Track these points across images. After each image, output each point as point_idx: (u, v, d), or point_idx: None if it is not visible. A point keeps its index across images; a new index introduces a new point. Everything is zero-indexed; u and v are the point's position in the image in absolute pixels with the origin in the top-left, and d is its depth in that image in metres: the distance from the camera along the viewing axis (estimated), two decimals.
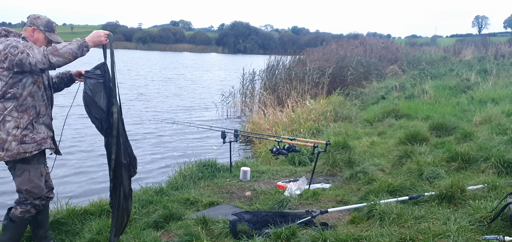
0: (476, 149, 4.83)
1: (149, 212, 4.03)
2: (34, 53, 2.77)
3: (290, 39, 77.94)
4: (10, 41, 2.83)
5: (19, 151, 2.87)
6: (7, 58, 2.80)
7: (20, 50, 2.78)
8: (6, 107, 2.87)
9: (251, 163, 6.05)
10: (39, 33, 3.04)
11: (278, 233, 3.07)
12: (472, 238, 2.76)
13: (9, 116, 2.87)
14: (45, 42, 3.04)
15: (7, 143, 2.86)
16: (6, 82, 2.85)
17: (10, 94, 2.86)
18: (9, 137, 2.86)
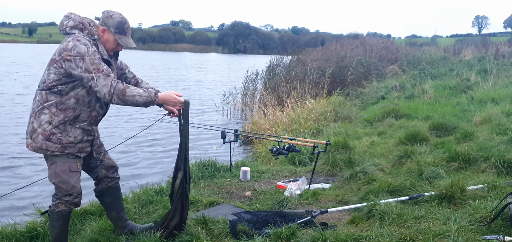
0: (476, 149, 4.83)
1: (149, 212, 4.03)
2: (100, 84, 2.73)
3: (290, 39, 77.98)
4: (80, 49, 2.74)
5: (41, 147, 2.85)
6: (70, 63, 2.74)
7: (86, 68, 2.72)
8: (48, 99, 2.83)
9: (251, 163, 6.05)
10: (109, 35, 2.92)
11: (278, 233, 3.07)
12: (472, 238, 2.76)
13: (47, 109, 2.83)
14: (115, 45, 2.94)
15: (36, 133, 2.84)
16: (58, 79, 2.80)
17: (57, 89, 2.81)
18: (39, 129, 2.84)
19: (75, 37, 2.81)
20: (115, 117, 12.12)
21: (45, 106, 2.83)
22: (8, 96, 15.49)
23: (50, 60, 2.84)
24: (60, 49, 2.80)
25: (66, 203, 2.98)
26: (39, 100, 2.86)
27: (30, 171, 7.35)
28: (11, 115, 12.18)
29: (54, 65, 2.80)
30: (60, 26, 2.95)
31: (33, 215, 3.96)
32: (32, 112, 2.90)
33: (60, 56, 2.78)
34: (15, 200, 5.99)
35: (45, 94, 2.83)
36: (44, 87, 2.84)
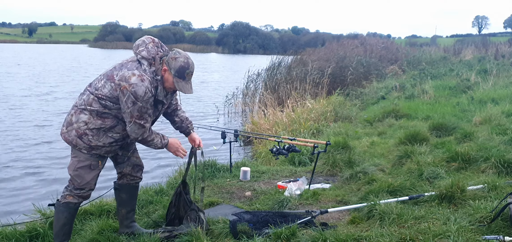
0: (476, 149, 4.83)
1: (149, 212, 4.03)
2: (132, 128, 2.92)
3: (290, 39, 78.00)
4: (138, 91, 2.82)
5: (72, 141, 2.96)
6: (122, 95, 2.84)
7: (131, 111, 2.85)
8: (92, 105, 2.92)
9: (251, 163, 6.05)
10: (169, 76, 2.96)
11: (278, 233, 3.07)
12: (472, 238, 2.76)
13: (88, 111, 2.94)
14: (173, 87, 2.99)
15: (71, 127, 2.95)
16: (110, 97, 2.90)
17: (104, 103, 2.92)
18: (74, 125, 2.94)
19: (141, 74, 2.87)
20: None
21: (87, 108, 2.93)
22: (16, 98, 15.50)
23: (110, 75, 2.92)
24: (122, 76, 2.86)
25: (75, 195, 3.05)
26: (85, 100, 2.95)
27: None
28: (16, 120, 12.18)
29: (111, 85, 2.88)
30: (135, 48, 3.02)
31: (33, 215, 3.96)
32: (75, 104, 3.00)
33: (119, 82, 2.85)
34: (15, 200, 6.00)
35: (92, 99, 2.93)
36: (93, 92, 2.93)
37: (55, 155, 8.31)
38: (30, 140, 9.48)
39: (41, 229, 3.51)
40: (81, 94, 3.04)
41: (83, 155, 2.99)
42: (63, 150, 8.65)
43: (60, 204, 3.07)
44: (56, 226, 3.12)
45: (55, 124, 10.92)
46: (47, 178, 6.98)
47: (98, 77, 3.00)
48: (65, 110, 13.01)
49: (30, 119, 11.65)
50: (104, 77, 2.95)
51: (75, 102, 3.02)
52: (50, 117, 12.02)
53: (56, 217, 3.11)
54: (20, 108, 13.28)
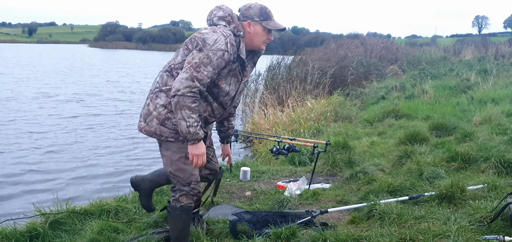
0: (476, 149, 4.83)
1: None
2: (180, 77, 2.50)
3: (290, 39, 77.86)
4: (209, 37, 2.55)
5: (155, 131, 2.69)
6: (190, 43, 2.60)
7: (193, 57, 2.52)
8: (166, 83, 2.65)
9: (251, 163, 6.05)
10: (255, 26, 2.72)
11: (278, 233, 3.07)
12: (472, 238, 2.76)
13: (163, 93, 2.66)
14: (265, 34, 2.74)
15: (150, 116, 2.69)
16: (182, 61, 2.62)
17: (177, 73, 2.62)
18: (154, 112, 2.67)
19: (215, 28, 2.64)
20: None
21: (162, 89, 2.66)
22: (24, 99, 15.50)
23: (183, 45, 2.71)
24: (195, 34, 2.65)
25: (187, 194, 2.76)
26: (159, 82, 2.70)
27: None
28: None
29: (183, 48, 2.66)
30: (208, 16, 2.77)
31: (33, 215, 3.96)
32: (150, 93, 2.75)
33: (189, 38, 2.64)
34: (15, 200, 6.00)
35: (165, 77, 2.67)
36: (166, 69, 2.69)
37: (55, 155, 8.31)
38: (32, 142, 9.48)
39: (41, 229, 3.51)
40: (153, 82, 2.79)
41: (172, 144, 2.69)
42: (62, 150, 8.66)
43: (176, 208, 2.79)
44: (175, 231, 2.88)
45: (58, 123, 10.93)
46: (48, 178, 6.98)
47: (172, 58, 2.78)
48: (66, 109, 12.99)
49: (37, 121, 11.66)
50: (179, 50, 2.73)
51: (148, 93, 2.78)
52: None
53: (173, 222, 2.86)
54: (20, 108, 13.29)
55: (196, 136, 2.54)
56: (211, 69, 2.53)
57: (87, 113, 12.76)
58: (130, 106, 14.51)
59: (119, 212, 3.99)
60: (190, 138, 2.54)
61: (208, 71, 2.52)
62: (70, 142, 9.35)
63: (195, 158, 2.62)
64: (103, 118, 12.21)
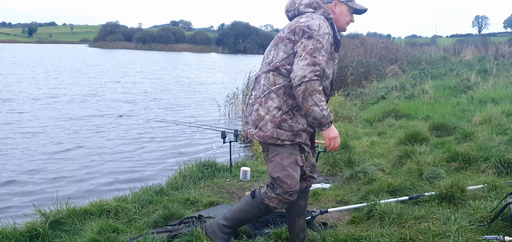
0: (476, 149, 4.83)
1: (149, 212, 4.03)
2: (300, 64, 2.40)
3: None
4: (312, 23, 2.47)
5: (272, 135, 2.54)
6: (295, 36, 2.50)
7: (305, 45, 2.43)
8: (275, 83, 2.54)
9: (251, 163, 6.05)
10: (341, 6, 2.66)
11: (278, 233, 3.07)
12: (472, 238, 2.76)
13: (274, 93, 2.54)
14: (349, 15, 2.69)
15: (263, 121, 2.55)
16: (287, 56, 2.52)
17: (285, 69, 2.52)
18: (267, 116, 2.54)
19: (308, 14, 2.57)
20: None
21: (272, 90, 2.54)
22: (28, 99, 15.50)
23: (277, 39, 2.62)
24: (291, 25, 2.56)
25: (283, 201, 2.63)
26: (266, 84, 2.57)
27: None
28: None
29: (283, 43, 2.55)
30: (292, 6, 2.68)
31: (33, 215, 3.96)
32: (256, 98, 2.62)
33: (290, 30, 2.53)
34: (15, 200, 6.00)
35: (272, 77, 2.55)
36: (270, 68, 2.57)
37: (55, 155, 8.31)
38: (35, 144, 9.48)
39: (41, 229, 3.50)
40: (255, 86, 2.67)
41: (286, 149, 2.57)
42: (63, 150, 8.66)
43: (262, 203, 2.68)
44: (242, 213, 2.78)
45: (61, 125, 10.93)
46: (48, 178, 6.97)
47: (266, 55, 2.66)
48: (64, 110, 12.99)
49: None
50: (271, 49, 2.63)
51: (252, 99, 2.66)
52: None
53: (248, 207, 2.75)
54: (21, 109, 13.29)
55: (330, 118, 2.50)
56: (324, 53, 2.47)
57: (88, 114, 12.76)
58: (133, 107, 14.51)
59: (119, 212, 3.99)
60: (325, 122, 2.48)
61: (323, 56, 2.46)
62: (71, 142, 9.34)
63: (331, 141, 2.56)
64: (104, 119, 12.21)
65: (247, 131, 2.66)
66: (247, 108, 2.73)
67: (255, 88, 2.68)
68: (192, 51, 77.38)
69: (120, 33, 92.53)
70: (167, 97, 17.16)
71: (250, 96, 2.71)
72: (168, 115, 12.76)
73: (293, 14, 2.67)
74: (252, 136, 2.61)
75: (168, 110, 14.00)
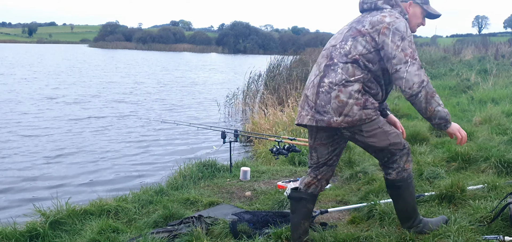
0: (476, 149, 4.83)
1: (149, 212, 4.03)
2: (411, 71, 2.39)
3: (290, 39, 78.00)
4: (400, 25, 2.46)
5: (361, 117, 2.48)
6: (385, 37, 2.45)
7: (402, 48, 2.41)
8: (354, 74, 2.49)
9: (251, 163, 6.05)
10: (415, 7, 2.64)
11: (278, 233, 3.07)
12: (472, 238, 2.75)
13: (353, 82, 2.49)
14: (421, 18, 2.67)
15: (348, 106, 2.47)
16: (367, 52, 2.49)
17: (363, 63, 2.50)
18: (351, 100, 2.47)
19: (391, 13, 2.53)
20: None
21: (350, 80, 2.49)
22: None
23: (355, 31, 2.55)
24: (373, 21, 2.51)
25: (408, 157, 2.66)
26: (343, 74, 2.49)
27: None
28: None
29: (363, 38, 2.51)
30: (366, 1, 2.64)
31: (33, 215, 3.96)
32: (333, 85, 2.50)
33: (374, 28, 2.49)
34: (15, 200, 6.00)
35: (351, 68, 2.49)
36: (349, 60, 2.51)
37: (55, 155, 8.31)
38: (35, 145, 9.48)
39: (41, 229, 3.51)
40: (327, 71, 2.55)
41: (376, 120, 2.55)
42: (63, 151, 8.66)
43: (406, 178, 2.66)
44: (410, 202, 2.76)
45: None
46: (48, 178, 6.98)
47: (340, 44, 2.58)
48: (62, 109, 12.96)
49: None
50: (348, 39, 2.56)
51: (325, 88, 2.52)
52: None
53: (407, 193, 2.72)
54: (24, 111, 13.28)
55: (449, 118, 2.53)
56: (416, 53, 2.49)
57: (89, 115, 12.77)
58: (134, 107, 14.51)
59: (119, 212, 3.99)
60: (449, 118, 2.51)
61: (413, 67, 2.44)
62: (71, 142, 9.34)
63: (461, 132, 2.57)
64: (105, 120, 12.21)
65: (329, 120, 2.51)
66: (314, 94, 2.57)
67: (327, 75, 2.55)
68: (192, 51, 77.39)
69: (120, 33, 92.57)
70: (169, 97, 17.17)
71: (322, 82, 2.55)
72: (172, 116, 12.77)
73: (369, 7, 2.65)
74: (338, 124, 2.50)
75: (169, 111, 14.01)
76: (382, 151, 2.65)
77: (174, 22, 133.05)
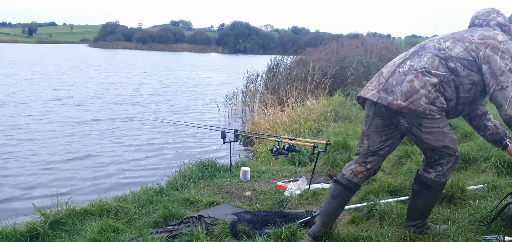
0: (476, 149, 4.83)
1: (149, 212, 4.03)
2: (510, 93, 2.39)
3: (290, 39, 77.99)
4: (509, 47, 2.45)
5: (425, 111, 2.44)
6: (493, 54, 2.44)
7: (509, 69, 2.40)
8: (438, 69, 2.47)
9: (251, 163, 6.05)
10: None
11: (278, 233, 3.06)
12: (472, 238, 2.75)
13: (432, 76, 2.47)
14: None
15: (417, 95, 2.44)
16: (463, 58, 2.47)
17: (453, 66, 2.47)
18: (423, 90, 2.44)
19: (503, 35, 2.54)
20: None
21: (432, 72, 2.46)
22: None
23: (460, 36, 2.53)
24: (484, 35, 2.49)
25: (452, 167, 2.67)
26: (427, 63, 2.48)
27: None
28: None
29: (465, 45, 2.48)
30: (485, 16, 2.65)
31: (33, 215, 3.96)
32: (412, 69, 2.49)
33: (483, 40, 2.47)
34: (15, 200, 6.00)
35: (437, 62, 2.47)
36: (440, 55, 2.49)
37: (55, 155, 8.32)
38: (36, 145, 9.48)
39: (41, 229, 3.51)
40: (413, 56, 2.56)
41: (438, 119, 2.50)
42: (64, 149, 8.66)
43: (441, 183, 2.68)
44: (428, 205, 2.77)
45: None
46: (48, 178, 6.98)
47: (438, 40, 2.57)
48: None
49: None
50: (448, 39, 2.54)
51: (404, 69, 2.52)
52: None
53: (432, 196, 2.74)
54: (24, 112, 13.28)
55: None
56: None
57: (89, 116, 12.77)
58: (135, 108, 14.51)
59: (119, 212, 3.99)
60: None
61: None
62: (71, 143, 9.35)
63: None
64: (105, 121, 12.21)
65: (392, 101, 2.48)
66: (390, 72, 2.56)
67: (411, 58, 2.55)
68: (192, 51, 77.38)
69: (120, 33, 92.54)
70: (170, 98, 17.17)
71: (403, 64, 2.55)
72: (172, 116, 12.76)
73: (479, 23, 2.66)
74: (399, 106, 2.46)
75: (169, 111, 14.00)
76: (434, 151, 2.62)
77: (174, 22, 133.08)
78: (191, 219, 3.46)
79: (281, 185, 4.60)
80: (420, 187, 2.74)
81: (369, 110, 2.71)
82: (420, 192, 2.76)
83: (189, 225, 3.35)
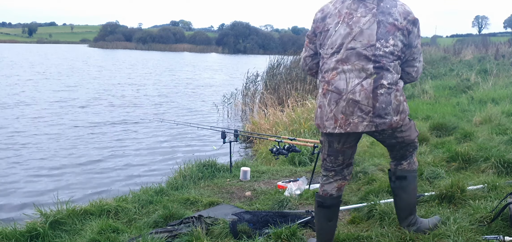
0: (476, 149, 4.83)
1: (149, 212, 4.03)
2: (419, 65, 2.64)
3: (290, 39, 77.85)
4: None
5: (407, 113, 2.60)
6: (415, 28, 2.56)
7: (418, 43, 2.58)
8: (398, 71, 2.55)
9: (251, 163, 6.05)
10: None
11: (278, 233, 3.07)
12: (472, 238, 2.75)
13: (399, 81, 2.57)
14: None
15: (402, 104, 2.54)
16: (403, 46, 2.53)
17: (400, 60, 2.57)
18: (402, 97, 2.54)
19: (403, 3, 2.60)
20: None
21: (399, 78, 2.56)
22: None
23: (390, 27, 2.48)
24: (402, 12, 2.52)
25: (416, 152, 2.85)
26: (394, 73, 2.50)
27: None
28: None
29: (400, 32, 2.50)
30: None
31: (33, 215, 3.97)
32: (392, 85, 2.48)
33: (406, 20, 2.52)
34: (15, 200, 6.00)
35: (398, 66, 2.54)
36: (394, 58, 2.51)
37: (55, 155, 8.32)
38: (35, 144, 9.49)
39: (41, 229, 3.51)
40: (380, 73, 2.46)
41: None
42: (64, 149, 8.66)
43: (414, 171, 2.81)
44: (414, 194, 2.87)
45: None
46: (48, 178, 6.98)
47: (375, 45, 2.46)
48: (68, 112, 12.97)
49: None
50: (387, 37, 2.48)
51: (383, 88, 2.46)
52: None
53: (413, 185, 2.82)
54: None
55: None
56: None
57: (90, 116, 12.77)
58: (136, 108, 14.50)
59: (119, 212, 3.99)
60: None
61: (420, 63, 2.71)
62: (71, 143, 9.35)
63: None
64: (105, 121, 12.21)
65: (389, 121, 2.49)
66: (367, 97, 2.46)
67: (384, 76, 2.47)
68: (192, 51, 77.38)
69: (120, 33, 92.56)
70: (171, 98, 17.16)
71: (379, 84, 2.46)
72: (178, 118, 12.75)
73: None
74: (396, 123, 2.52)
75: (171, 113, 14.00)
76: (409, 145, 2.74)
77: (174, 22, 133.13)
78: (191, 219, 3.46)
79: (281, 185, 4.60)
80: (400, 182, 2.82)
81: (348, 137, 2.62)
82: (400, 186, 2.83)
83: (189, 225, 3.35)
